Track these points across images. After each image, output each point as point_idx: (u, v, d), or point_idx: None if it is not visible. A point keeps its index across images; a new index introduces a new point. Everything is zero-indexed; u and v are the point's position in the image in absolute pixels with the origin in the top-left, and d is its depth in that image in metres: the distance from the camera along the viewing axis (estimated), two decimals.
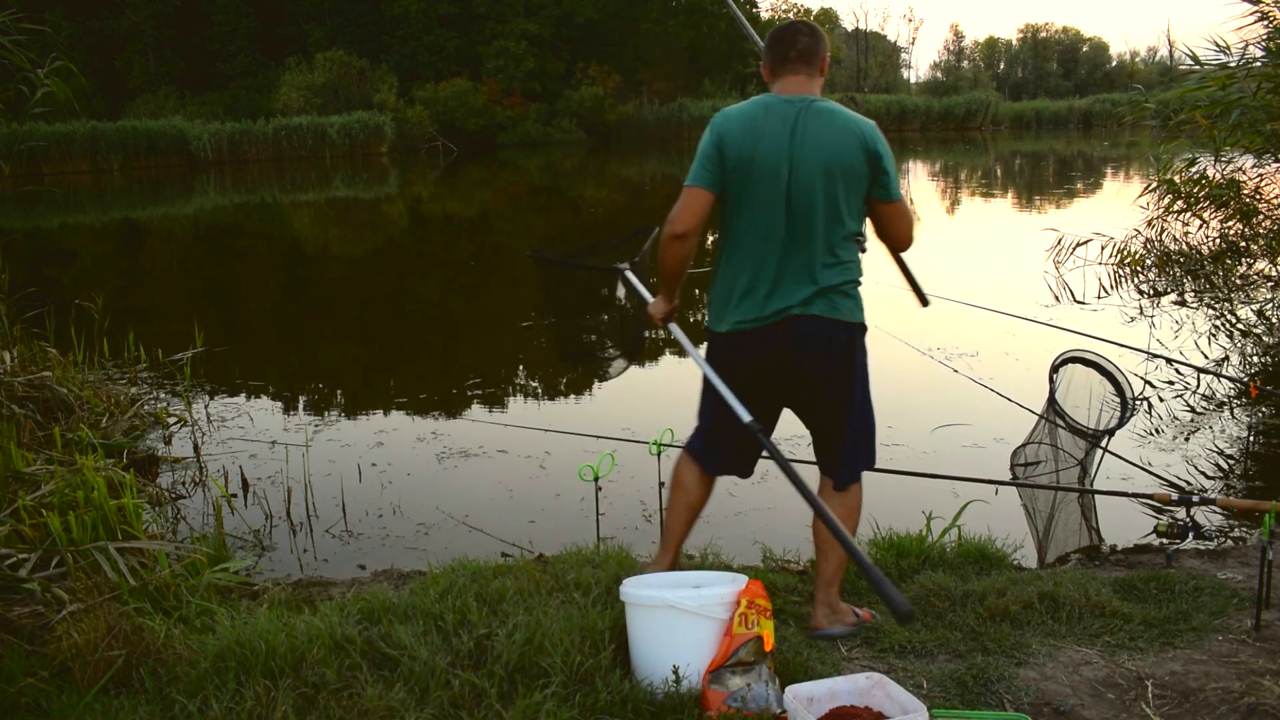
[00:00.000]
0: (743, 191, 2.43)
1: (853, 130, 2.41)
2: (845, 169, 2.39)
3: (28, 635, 2.51)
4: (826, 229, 2.40)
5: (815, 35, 2.52)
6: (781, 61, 2.50)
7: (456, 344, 7.70)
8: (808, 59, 2.49)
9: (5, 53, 4.19)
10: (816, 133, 2.40)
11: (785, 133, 2.40)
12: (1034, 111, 52.44)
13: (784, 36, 2.51)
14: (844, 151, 2.39)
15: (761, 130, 2.41)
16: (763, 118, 2.43)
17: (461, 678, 2.21)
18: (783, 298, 2.41)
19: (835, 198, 2.39)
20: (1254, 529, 3.58)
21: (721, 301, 2.52)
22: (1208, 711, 2.16)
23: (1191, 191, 7.61)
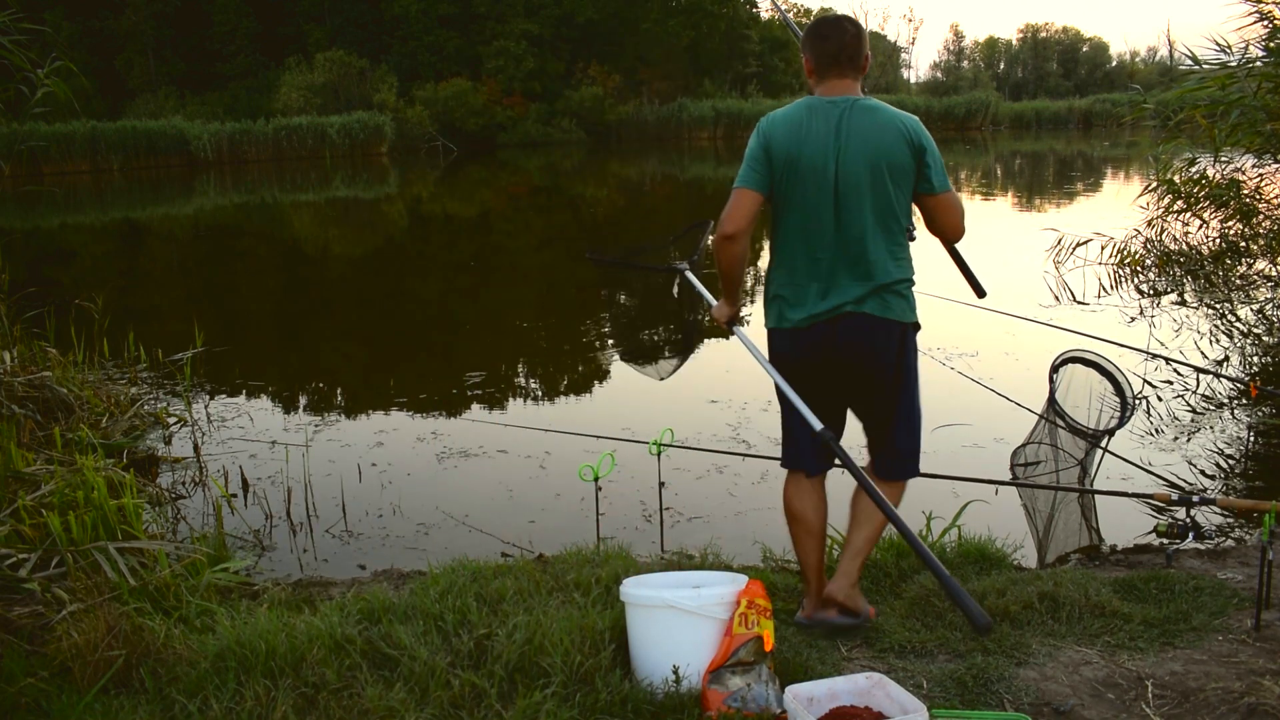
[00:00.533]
0: (791, 192, 2.46)
1: (896, 125, 2.43)
2: (891, 164, 2.41)
3: (28, 635, 2.51)
4: (876, 225, 2.43)
5: (860, 35, 2.51)
6: (829, 64, 2.49)
7: (456, 344, 7.70)
8: (854, 62, 2.49)
9: (5, 53, 4.19)
10: (861, 130, 2.42)
11: (830, 132, 2.42)
12: (1034, 111, 52.43)
13: (830, 35, 2.49)
14: (889, 147, 2.41)
15: (807, 131, 2.43)
16: (808, 119, 2.45)
17: (461, 678, 2.21)
18: (836, 295, 2.45)
19: (883, 194, 2.42)
20: (1254, 529, 3.58)
21: (777, 300, 2.55)
22: (1208, 711, 2.16)
23: (1191, 191, 7.61)
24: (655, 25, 43.04)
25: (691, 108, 41.57)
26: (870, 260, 2.43)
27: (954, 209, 2.52)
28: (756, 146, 2.48)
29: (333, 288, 10.93)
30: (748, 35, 47.44)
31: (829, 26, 2.50)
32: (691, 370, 6.44)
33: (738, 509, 4.05)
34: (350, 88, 36.25)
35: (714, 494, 4.21)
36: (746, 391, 5.67)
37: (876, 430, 2.63)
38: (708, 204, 19.06)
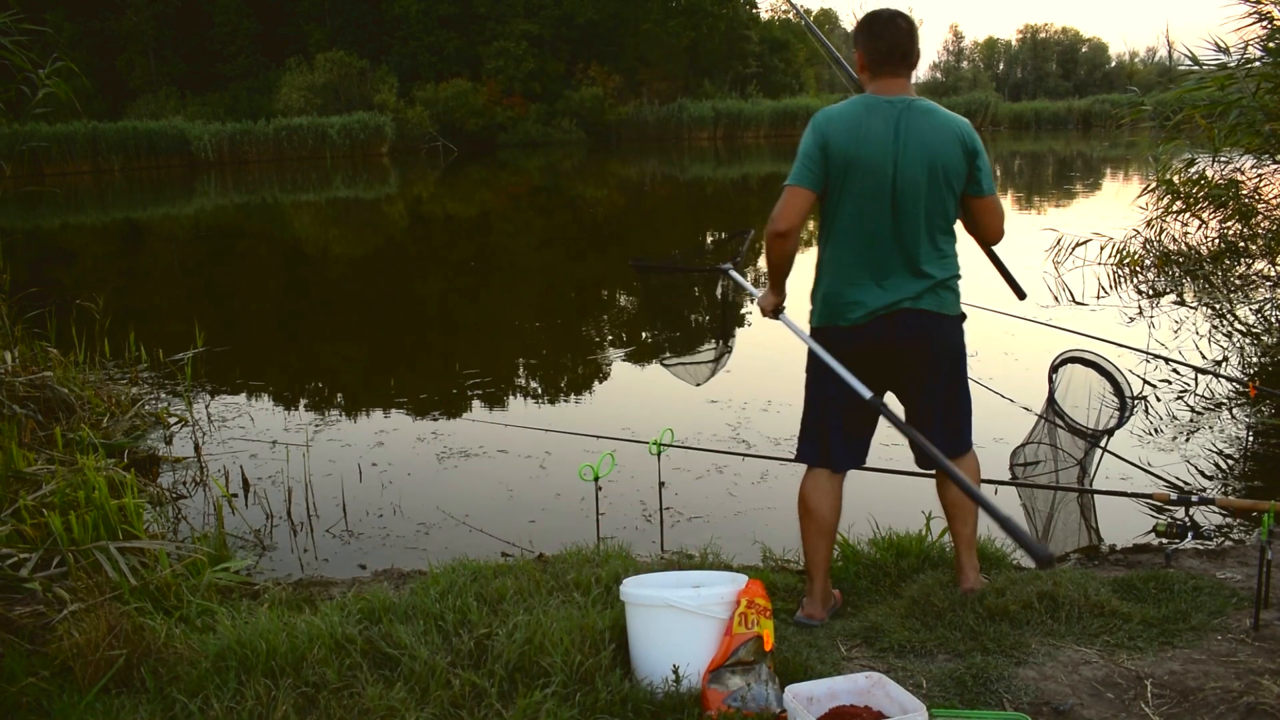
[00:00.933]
0: (847, 191, 2.47)
1: (952, 129, 2.48)
2: (946, 167, 2.47)
3: (29, 635, 2.52)
4: (930, 225, 2.49)
5: (913, 33, 2.52)
6: (884, 62, 2.50)
7: (457, 344, 7.70)
8: (908, 60, 2.51)
9: (6, 53, 4.20)
10: (920, 132, 2.45)
11: (889, 133, 2.44)
12: (1033, 112, 52.45)
13: (885, 34, 2.49)
14: (945, 150, 2.46)
15: (866, 130, 2.44)
16: (866, 118, 2.46)
17: (462, 677, 2.21)
18: (894, 292, 2.50)
19: (938, 195, 2.48)
20: (1253, 529, 3.58)
21: (830, 298, 2.56)
22: (1207, 711, 2.16)
23: (1190, 192, 7.61)
24: (655, 25, 43.04)
25: (691, 108, 41.57)
26: (926, 259, 2.50)
27: (997, 212, 2.61)
28: (812, 144, 2.47)
29: (333, 288, 10.93)
30: (748, 35, 47.43)
31: (882, 24, 2.50)
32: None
33: (738, 509, 4.05)
34: (351, 88, 36.26)
35: (714, 494, 4.22)
36: (746, 391, 5.67)
37: (929, 414, 2.65)
38: (708, 204, 19.08)
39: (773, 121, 42.93)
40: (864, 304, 2.51)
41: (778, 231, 2.48)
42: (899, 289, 2.50)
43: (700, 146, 38.72)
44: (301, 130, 32.95)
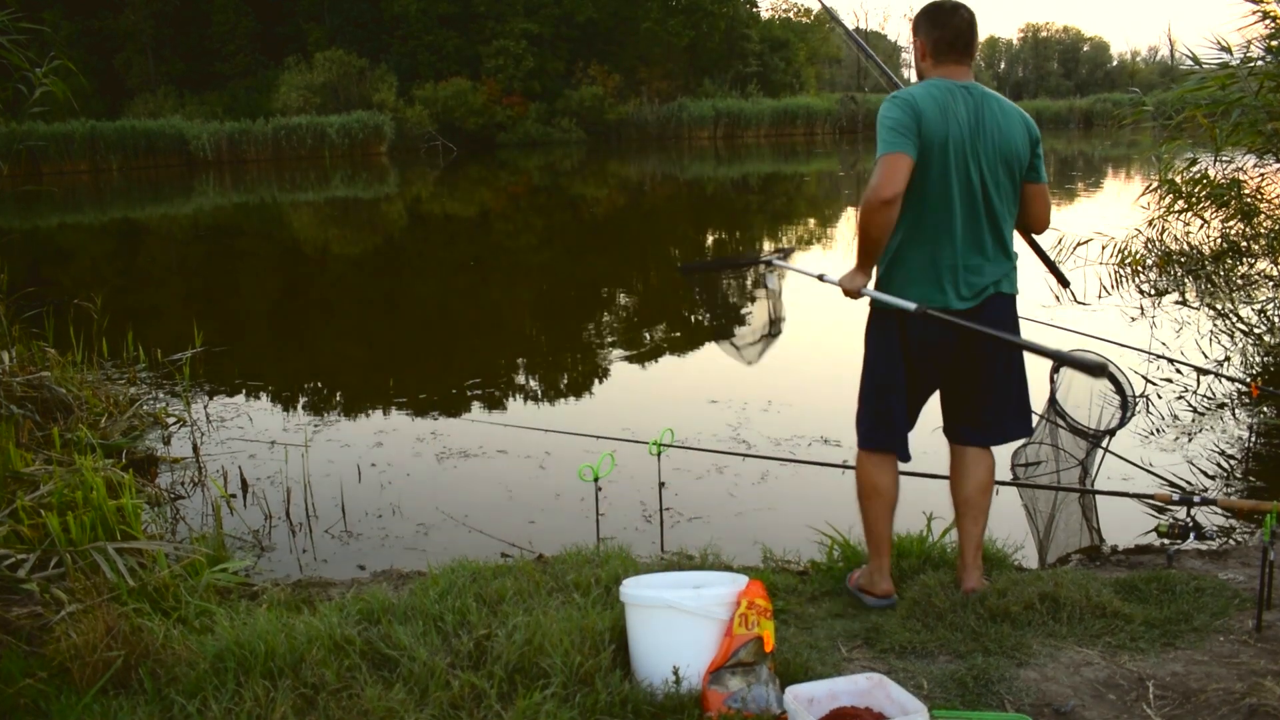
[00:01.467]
0: (933, 169, 2.49)
1: (1019, 118, 2.58)
2: (1016, 154, 2.55)
3: (26, 636, 2.51)
4: (1005, 210, 2.58)
5: (974, 22, 2.57)
6: (948, 50, 2.55)
7: (456, 344, 7.69)
8: (970, 48, 2.57)
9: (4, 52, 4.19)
10: (995, 120, 2.53)
11: (971, 118, 2.50)
12: (1035, 111, 52.29)
13: (950, 22, 2.54)
14: (1016, 138, 2.55)
15: (953, 114, 2.49)
16: (951, 101, 2.50)
17: (461, 678, 2.20)
18: (980, 277, 2.56)
19: (1010, 181, 2.56)
20: (1255, 529, 3.58)
21: (916, 280, 2.56)
22: (1209, 712, 2.15)
23: (1193, 191, 7.61)
24: (655, 25, 43.01)
25: (691, 107, 41.54)
26: (1004, 243, 2.60)
27: (1047, 200, 2.71)
28: (905, 115, 2.45)
29: (332, 288, 10.92)
30: (748, 35, 47.38)
31: (946, 13, 2.55)
32: (692, 370, 6.45)
33: (738, 509, 4.04)
34: (349, 87, 36.22)
35: (714, 494, 4.21)
36: (746, 391, 5.66)
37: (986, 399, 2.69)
38: (708, 204, 19.07)
39: (773, 121, 42.92)
40: (955, 290, 2.54)
41: (884, 199, 2.41)
42: (984, 274, 2.56)
43: (700, 146, 38.71)
44: (300, 130, 32.92)
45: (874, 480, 2.72)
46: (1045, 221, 2.71)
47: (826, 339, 6.55)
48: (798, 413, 5.29)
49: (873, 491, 2.73)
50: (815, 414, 5.19)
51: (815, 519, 3.50)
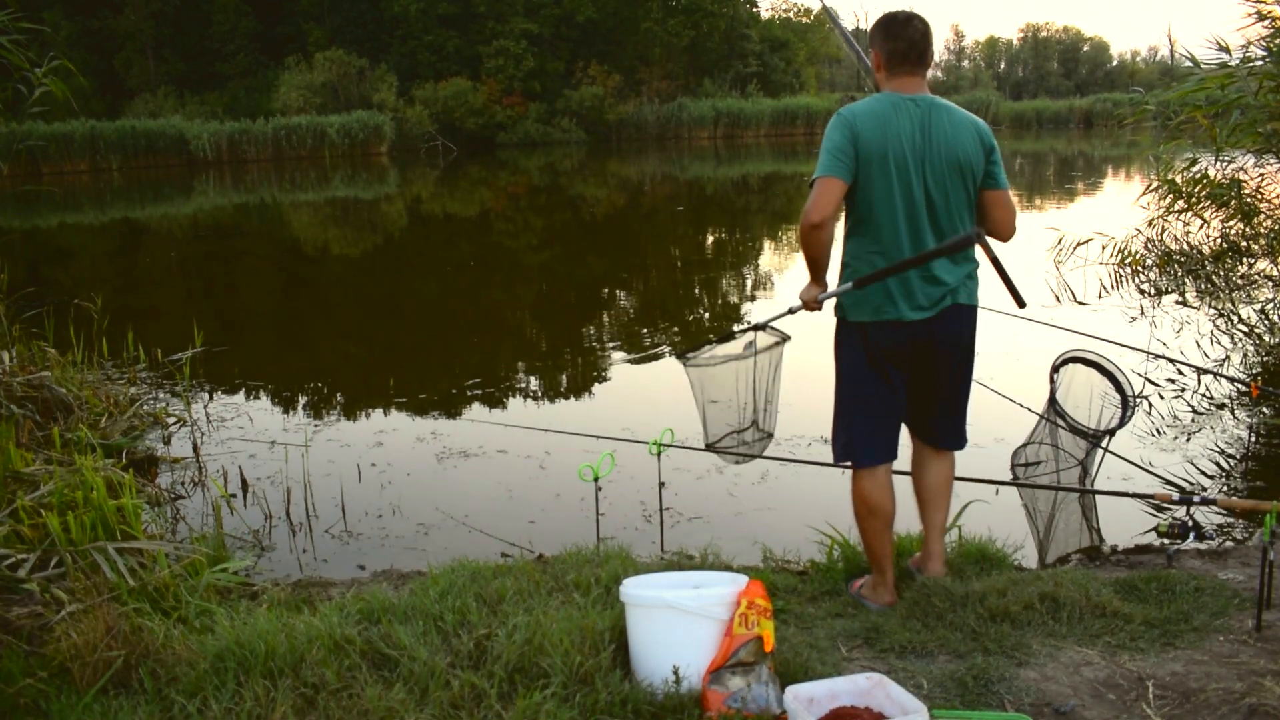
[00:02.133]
0: (877, 186, 2.52)
1: (971, 126, 2.59)
2: (968, 163, 2.56)
3: (27, 636, 2.51)
4: (955, 220, 2.57)
5: (929, 35, 2.59)
6: (901, 61, 2.57)
7: (456, 344, 7.69)
8: (924, 59, 2.58)
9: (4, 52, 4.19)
10: (944, 130, 2.53)
11: (916, 130, 2.51)
12: (1034, 111, 52.45)
13: (903, 34, 2.55)
14: (967, 147, 2.55)
15: (895, 128, 2.50)
16: (893, 116, 2.51)
17: (461, 678, 2.20)
18: (936, 287, 2.57)
19: (960, 191, 2.57)
20: (1255, 529, 3.58)
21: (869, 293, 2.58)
22: (1209, 712, 2.15)
23: (1192, 191, 7.61)
24: (655, 25, 43.00)
25: (691, 107, 41.53)
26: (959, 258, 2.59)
27: (1009, 206, 2.69)
28: (841, 138, 2.50)
29: (332, 288, 10.93)
30: (748, 35, 47.38)
31: (900, 24, 2.56)
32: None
33: (738, 509, 4.04)
34: (350, 87, 36.21)
35: (714, 494, 4.21)
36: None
37: (944, 407, 2.75)
38: (708, 204, 19.07)
39: (773, 121, 42.91)
40: (910, 300, 2.56)
41: (812, 223, 2.50)
42: (940, 285, 2.57)
43: (700, 146, 38.71)
44: (300, 130, 32.91)
45: (870, 500, 2.72)
46: (1010, 226, 2.70)
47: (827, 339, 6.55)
48: (798, 413, 5.29)
49: (869, 512, 2.73)
50: (815, 414, 5.17)
51: (815, 519, 3.50)
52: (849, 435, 2.72)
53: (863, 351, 2.65)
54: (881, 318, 2.59)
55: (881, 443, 2.71)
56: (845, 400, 2.73)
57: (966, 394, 2.78)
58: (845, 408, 2.73)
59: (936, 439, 2.81)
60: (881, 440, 2.71)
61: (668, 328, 7.75)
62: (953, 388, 2.74)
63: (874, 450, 2.70)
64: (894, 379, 2.66)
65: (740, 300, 9.26)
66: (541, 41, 40.41)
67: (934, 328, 2.59)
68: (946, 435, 2.80)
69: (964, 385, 2.76)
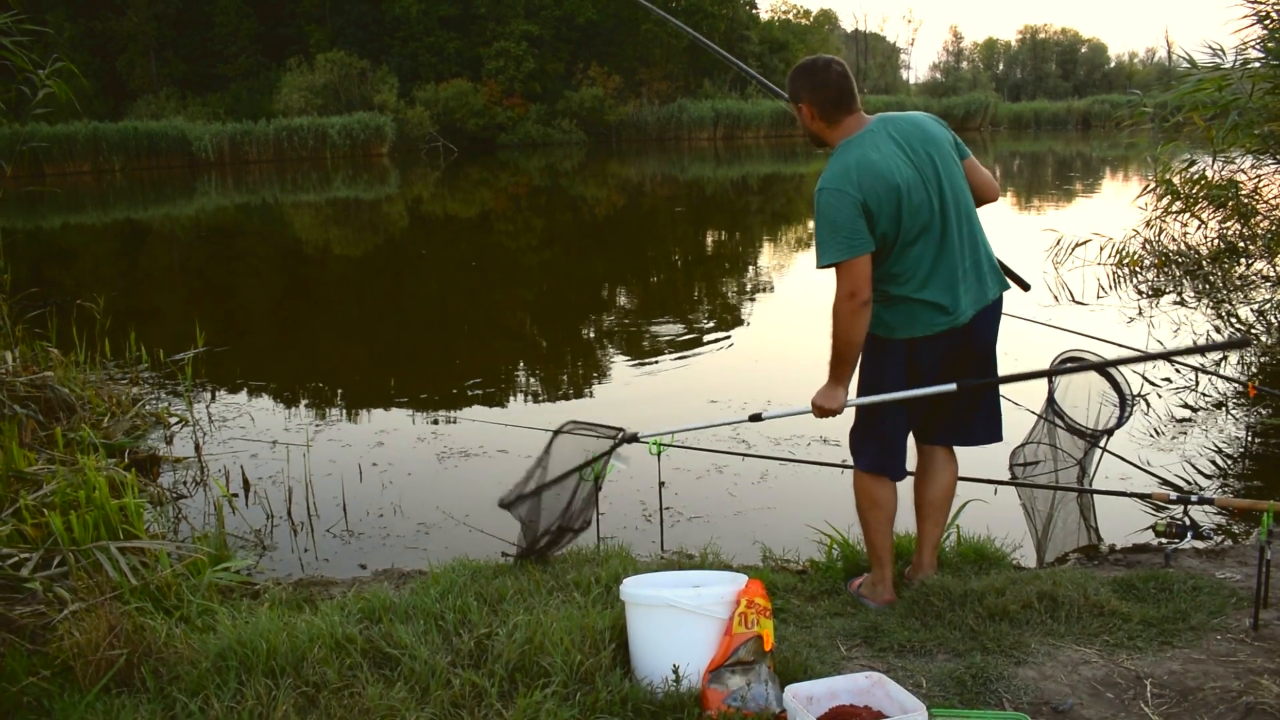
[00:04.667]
0: (900, 226, 2.48)
1: (925, 118, 2.60)
2: (946, 146, 2.56)
3: (30, 634, 2.52)
4: (971, 212, 2.59)
5: (848, 71, 2.58)
6: (836, 106, 2.55)
7: (457, 344, 7.70)
8: (856, 96, 2.58)
9: (7, 53, 4.20)
10: (916, 139, 2.52)
11: (901, 159, 2.49)
12: (1033, 112, 52.42)
13: (829, 80, 2.53)
14: (938, 133, 2.57)
15: (884, 170, 2.46)
16: (878, 157, 2.47)
17: (462, 677, 2.21)
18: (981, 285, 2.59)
19: (958, 166, 2.58)
20: (1252, 528, 3.59)
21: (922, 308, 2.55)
22: (1206, 710, 2.16)
23: (1190, 192, 7.61)
24: (655, 26, 42.95)
25: (691, 108, 41.53)
26: (984, 242, 2.62)
27: (982, 168, 2.70)
28: (851, 214, 2.43)
29: (333, 288, 10.94)
30: (748, 36, 47.38)
31: (821, 71, 2.54)
32: (692, 370, 6.45)
33: (738, 509, 4.05)
34: (351, 88, 36.22)
35: (714, 494, 4.22)
36: (746, 392, 5.67)
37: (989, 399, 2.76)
38: (708, 204, 19.07)
39: (772, 122, 42.89)
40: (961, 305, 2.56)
41: (863, 300, 2.44)
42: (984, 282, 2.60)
43: (700, 147, 38.70)
44: (302, 131, 32.92)
45: (874, 494, 2.75)
46: (993, 186, 2.71)
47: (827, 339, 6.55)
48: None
49: (872, 504, 2.75)
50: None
51: (814, 518, 3.51)
52: (881, 448, 2.71)
53: (906, 368, 2.62)
54: (933, 331, 2.56)
55: (900, 459, 2.75)
56: (884, 417, 2.69)
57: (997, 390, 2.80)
58: (881, 423, 2.70)
59: (978, 434, 2.77)
60: (900, 457, 2.74)
61: (668, 328, 7.76)
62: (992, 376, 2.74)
63: (893, 465, 2.72)
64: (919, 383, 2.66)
65: (740, 299, 9.27)
66: (542, 43, 40.42)
67: (976, 325, 2.61)
68: (990, 427, 2.77)
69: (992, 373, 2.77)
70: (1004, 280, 2.68)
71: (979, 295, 2.60)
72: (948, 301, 2.54)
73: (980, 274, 2.60)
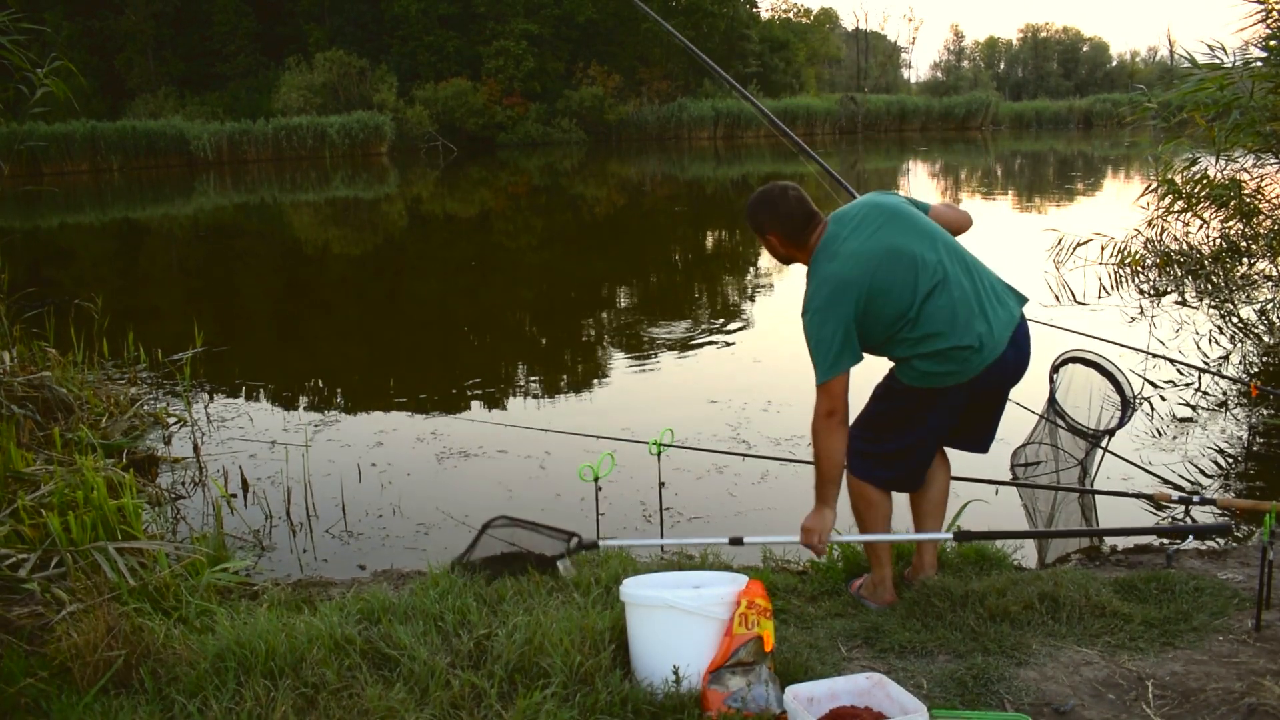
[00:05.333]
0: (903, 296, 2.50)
1: (874, 196, 2.68)
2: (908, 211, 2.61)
3: (27, 635, 2.51)
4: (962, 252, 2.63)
5: (800, 190, 2.64)
6: (803, 228, 2.61)
7: (456, 344, 7.70)
8: (813, 206, 2.63)
9: (5, 52, 4.20)
10: (874, 214, 2.58)
11: (874, 232, 2.53)
12: (1034, 111, 52.41)
13: (790, 209, 2.60)
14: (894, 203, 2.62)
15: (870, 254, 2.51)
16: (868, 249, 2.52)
17: (461, 678, 2.21)
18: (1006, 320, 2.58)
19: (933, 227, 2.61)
20: (1255, 529, 3.58)
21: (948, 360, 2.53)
22: (1208, 712, 2.16)
23: (1192, 191, 7.61)
24: (655, 25, 42.92)
25: (691, 108, 41.52)
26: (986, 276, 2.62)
27: (945, 207, 2.79)
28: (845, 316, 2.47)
29: (333, 288, 10.93)
30: (748, 35, 47.38)
31: (778, 199, 2.61)
32: (692, 370, 6.45)
33: (738, 509, 4.05)
34: (350, 88, 36.21)
35: (714, 494, 4.21)
36: (746, 392, 5.67)
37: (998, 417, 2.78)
38: (708, 203, 19.06)
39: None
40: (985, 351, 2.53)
41: (841, 419, 2.49)
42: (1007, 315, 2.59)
43: (700, 146, 38.71)
44: (301, 130, 32.90)
45: (870, 496, 2.75)
46: (964, 218, 2.79)
47: None
48: (798, 413, 5.29)
49: (869, 505, 2.76)
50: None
51: None
52: (896, 473, 2.75)
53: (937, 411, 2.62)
54: (965, 379, 2.55)
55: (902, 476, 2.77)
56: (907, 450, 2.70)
57: None
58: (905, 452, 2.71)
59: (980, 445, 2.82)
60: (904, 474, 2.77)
61: (667, 328, 7.75)
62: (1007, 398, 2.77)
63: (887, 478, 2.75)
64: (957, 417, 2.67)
65: (740, 299, 9.26)
66: (541, 42, 40.41)
67: (1006, 357, 2.58)
68: (989, 439, 2.83)
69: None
70: (1021, 296, 2.69)
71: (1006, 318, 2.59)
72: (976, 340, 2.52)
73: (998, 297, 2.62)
